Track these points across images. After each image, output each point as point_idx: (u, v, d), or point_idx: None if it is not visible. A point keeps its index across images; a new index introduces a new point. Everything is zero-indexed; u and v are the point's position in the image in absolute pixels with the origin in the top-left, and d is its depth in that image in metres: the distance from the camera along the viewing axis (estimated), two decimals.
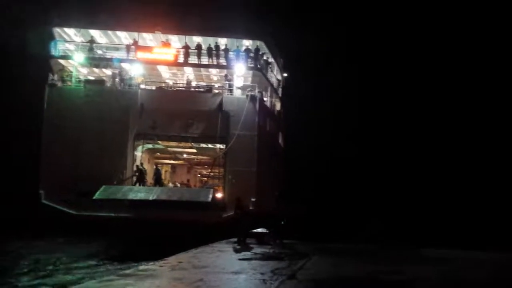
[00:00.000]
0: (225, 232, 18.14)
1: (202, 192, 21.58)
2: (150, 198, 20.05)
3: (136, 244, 19.79)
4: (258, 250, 14.98)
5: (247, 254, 14.18)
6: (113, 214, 20.62)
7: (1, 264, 17.78)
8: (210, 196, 20.62)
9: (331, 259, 13.68)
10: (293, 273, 10.79)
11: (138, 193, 20.75)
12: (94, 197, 20.01)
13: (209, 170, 35.85)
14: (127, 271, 11.06)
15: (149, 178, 24.82)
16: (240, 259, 13.04)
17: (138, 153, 25.27)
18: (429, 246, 16.72)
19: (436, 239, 19.50)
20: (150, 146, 26.91)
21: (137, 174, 23.35)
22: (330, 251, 15.53)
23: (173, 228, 19.02)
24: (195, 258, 12.98)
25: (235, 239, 16.94)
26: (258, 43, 25.78)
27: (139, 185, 22.82)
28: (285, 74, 33.86)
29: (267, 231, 17.49)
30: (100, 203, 20.37)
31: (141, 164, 24.14)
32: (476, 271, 12.39)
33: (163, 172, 28.95)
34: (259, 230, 17.75)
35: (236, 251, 14.85)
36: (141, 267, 11.30)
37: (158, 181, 24.44)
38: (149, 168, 26.34)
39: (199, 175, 38.49)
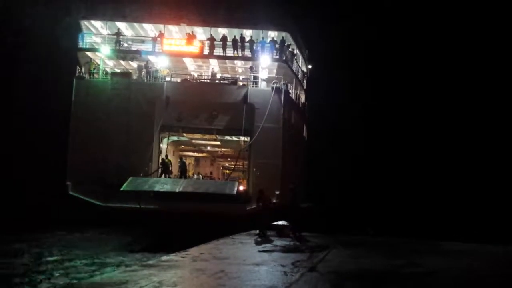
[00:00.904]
0: (249, 224, 18.11)
1: (228, 185, 21.51)
2: (177, 190, 20.09)
3: (162, 236, 19.95)
4: (278, 242, 14.95)
5: (267, 246, 14.13)
6: (138, 206, 20.76)
7: (25, 257, 17.97)
8: (236, 188, 20.57)
9: (350, 252, 13.60)
10: (314, 266, 10.77)
11: (165, 185, 20.81)
12: (121, 189, 20.14)
13: (233, 163, 35.94)
14: (150, 262, 11.16)
15: (174, 170, 24.95)
16: (260, 251, 13.02)
17: (164, 146, 25.41)
18: (445, 240, 16.57)
19: (451, 233, 19.35)
20: (175, 138, 27.02)
21: (161, 166, 23.47)
22: (349, 243, 15.47)
23: (198, 220, 19.09)
24: (216, 249, 13.03)
25: (256, 231, 16.92)
26: (284, 34, 25.53)
27: (165, 177, 22.93)
28: (310, 66, 33.52)
29: (287, 224, 17.42)
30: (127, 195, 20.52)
31: (166, 156, 24.24)
32: (493, 263, 12.33)
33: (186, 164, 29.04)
34: (280, 222, 17.70)
35: (257, 243, 14.81)
36: (163, 258, 11.34)
37: (183, 173, 24.52)
38: (173, 160, 26.44)
39: (222, 168, 38.61)
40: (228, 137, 26.78)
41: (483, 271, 11.02)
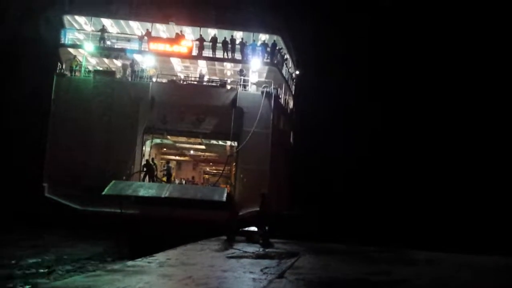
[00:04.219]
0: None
1: (216, 191, 20.66)
2: (163, 196, 19.17)
3: (139, 243, 18.98)
4: (247, 248, 14.61)
5: (236, 252, 13.80)
6: (120, 211, 19.76)
7: None
8: (225, 195, 19.77)
9: (320, 259, 13.41)
10: (282, 272, 10.59)
11: (150, 189, 19.85)
12: (103, 193, 19.11)
13: (215, 168, 35.22)
14: (115, 267, 10.90)
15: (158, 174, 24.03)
16: (229, 257, 12.70)
17: (147, 148, 24.52)
18: (422, 249, 16.35)
19: (430, 242, 19.25)
20: (158, 141, 26.11)
21: (145, 169, 22.54)
22: (320, 250, 15.21)
23: (184, 227, 18.23)
24: (183, 255, 12.63)
25: (225, 237, 16.44)
26: (275, 37, 24.99)
27: (149, 180, 22.00)
28: (298, 72, 33.08)
29: (257, 230, 16.92)
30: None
31: (152, 159, 23.33)
32: (462, 272, 12.34)
33: None
34: (250, 228, 17.18)
35: (226, 249, 14.40)
36: (129, 263, 10.97)
37: (168, 177, 23.67)
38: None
39: (204, 173, 37.86)
40: (214, 142, 26.06)
41: (451, 280, 11.03)
